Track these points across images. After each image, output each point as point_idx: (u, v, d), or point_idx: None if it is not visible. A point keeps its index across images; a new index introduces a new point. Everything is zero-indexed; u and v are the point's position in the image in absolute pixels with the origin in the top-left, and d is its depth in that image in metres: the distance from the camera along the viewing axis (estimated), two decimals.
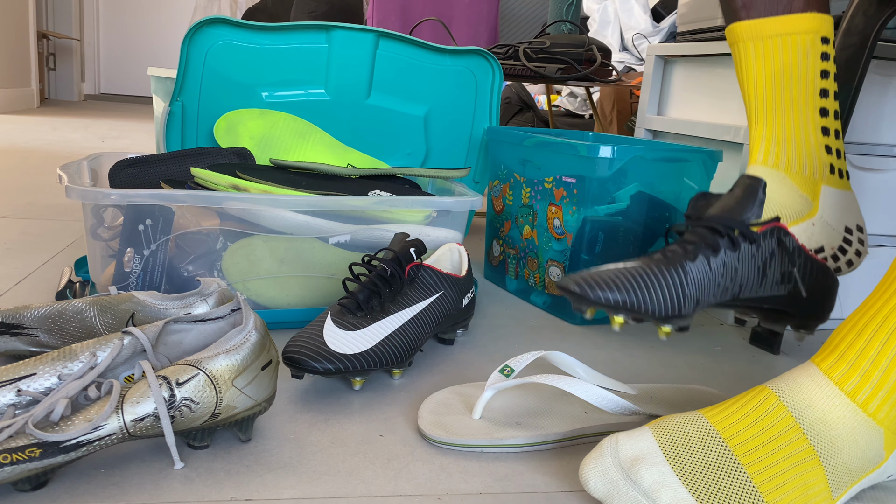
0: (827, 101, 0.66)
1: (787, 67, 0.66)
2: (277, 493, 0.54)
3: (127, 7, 6.01)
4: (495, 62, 1.17)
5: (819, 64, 0.66)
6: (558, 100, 2.90)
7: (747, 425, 0.52)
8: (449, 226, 0.94)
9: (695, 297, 0.64)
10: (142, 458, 0.58)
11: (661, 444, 0.53)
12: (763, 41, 0.66)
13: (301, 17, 2.12)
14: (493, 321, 0.99)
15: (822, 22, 0.65)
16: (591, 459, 0.54)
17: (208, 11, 4.53)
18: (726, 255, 0.65)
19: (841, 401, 0.51)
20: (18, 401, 0.55)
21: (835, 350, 0.53)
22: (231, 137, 1.04)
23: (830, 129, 0.67)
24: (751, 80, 0.67)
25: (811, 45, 0.65)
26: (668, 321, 0.64)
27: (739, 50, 0.68)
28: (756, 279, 0.66)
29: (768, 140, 0.67)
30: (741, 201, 0.66)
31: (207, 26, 1.03)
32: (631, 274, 0.64)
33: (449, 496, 0.56)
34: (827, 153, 0.66)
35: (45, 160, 2.21)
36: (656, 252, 0.67)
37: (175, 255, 0.83)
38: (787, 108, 0.66)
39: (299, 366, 0.68)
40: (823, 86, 0.66)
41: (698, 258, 0.64)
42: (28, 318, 0.70)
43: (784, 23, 0.65)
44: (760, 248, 0.65)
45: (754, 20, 0.66)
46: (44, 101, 5.11)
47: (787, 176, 0.66)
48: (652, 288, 0.63)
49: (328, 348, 0.69)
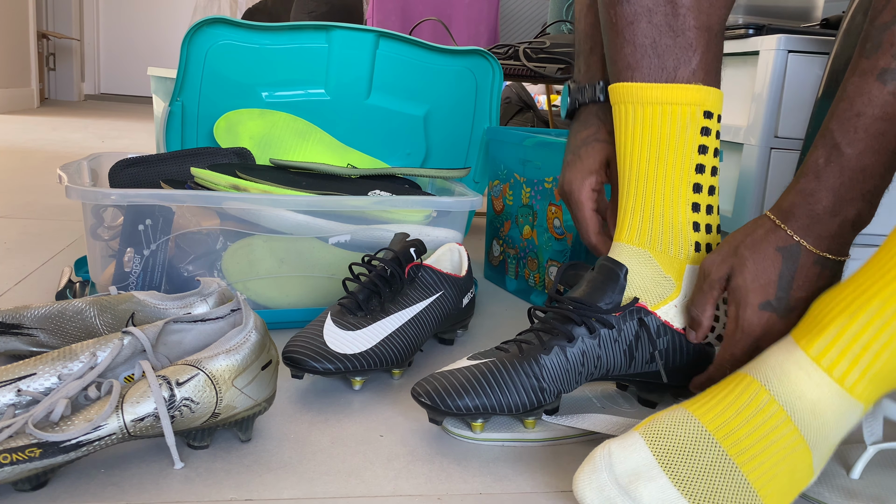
0: (702, 178, 0.64)
1: (664, 138, 0.64)
2: (277, 493, 0.54)
3: (127, 7, 6.01)
4: (495, 62, 1.17)
5: (698, 138, 0.64)
6: (558, 100, 2.90)
7: (740, 423, 0.52)
8: (449, 226, 0.94)
9: (554, 389, 0.62)
10: (142, 458, 0.58)
11: (655, 453, 0.52)
12: (644, 106, 0.64)
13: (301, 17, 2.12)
14: (493, 321, 0.99)
15: (707, 95, 0.63)
16: (585, 474, 0.53)
17: (208, 11, 4.54)
18: (584, 344, 0.63)
19: (830, 388, 0.51)
20: (18, 401, 0.55)
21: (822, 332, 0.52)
22: (231, 137, 1.04)
23: (702, 205, 0.65)
24: (628, 145, 0.66)
25: (692, 117, 0.63)
26: (530, 415, 0.63)
27: (619, 111, 0.66)
28: (624, 362, 0.65)
29: (635, 214, 0.66)
30: (601, 286, 0.64)
31: (207, 26, 1.03)
32: (483, 374, 0.61)
33: (449, 496, 0.56)
34: (694, 231, 0.65)
35: (45, 160, 2.21)
36: (512, 343, 0.65)
37: (175, 255, 0.83)
38: (660, 181, 0.64)
39: (299, 366, 0.68)
40: (700, 161, 0.64)
41: (553, 350, 0.62)
42: (28, 318, 0.70)
43: (667, 91, 0.63)
44: (622, 331, 0.64)
45: (638, 84, 0.64)
46: (44, 101, 5.11)
47: (651, 256, 0.65)
48: (507, 387, 0.61)
49: (328, 348, 0.69)
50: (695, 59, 0.63)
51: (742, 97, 1.04)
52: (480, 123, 1.21)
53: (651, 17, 0.63)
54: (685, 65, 0.63)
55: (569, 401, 0.71)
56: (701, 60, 0.63)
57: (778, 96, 0.97)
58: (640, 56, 0.64)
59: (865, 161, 0.56)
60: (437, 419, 0.62)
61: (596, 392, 0.74)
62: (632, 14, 0.64)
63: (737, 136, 1.03)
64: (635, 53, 0.64)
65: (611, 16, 0.65)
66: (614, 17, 0.65)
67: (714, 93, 0.64)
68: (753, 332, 0.61)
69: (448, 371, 0.63)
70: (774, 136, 0.98)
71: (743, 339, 0.62)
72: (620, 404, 0.71)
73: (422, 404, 0.61)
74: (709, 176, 0.65)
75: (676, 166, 0.64)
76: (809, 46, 0.95)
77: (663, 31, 0.63)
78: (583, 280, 0.66)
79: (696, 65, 0.63)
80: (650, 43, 0.63)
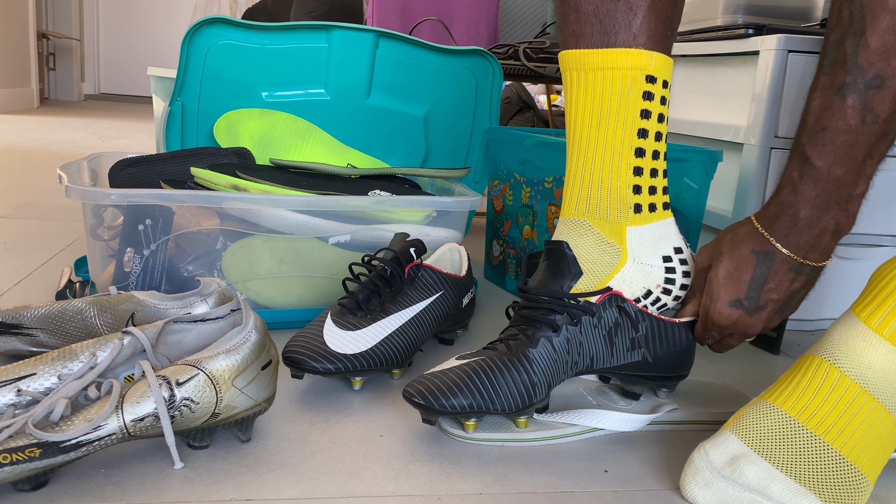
0: (645, 142, 0.64)
1: (605, 103, 0.64)
2: (277, 493, 0.54)
3: (127, 7, 6.01)
4: (495, 62, 1.17)
5: (640, 103, 0.63)
6: (558, 100, 2.90)
7: (819, 403, 0.56)
8: (449, 226, 0.94)
9: (545, 382, 0.63)
10: (142, 458, 0.58)
11: (748, 443, 0.56)
12: (586, 73, 0.64)
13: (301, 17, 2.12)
14: (493, 321, 0.99)
15: (648, 59, 0.63)
16: (689, 478, 0.57)
17: (208, 11, 4.53)
18: (568, 332, 0.64)
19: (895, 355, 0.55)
20: (18, 401, 0.55)
21: (882, 305, 0.56)
22: (231, 137, 1.04)
23: (645, 168, 0.65)
24: (572, 113, 0.66)
25: (633, 81, 0.63)
26: (522, 413, 0.63)
27: (566, 79, 0.66)
28: (605, 349, 0.65)
29: (576, 184, 0.66)
30: (557, 269, 0.65)
31: (207, 26, 1.03)
32: (474, 372, 0.62)
33: (449, 496, 0.56)
34: (635, 193, 0.65)
35: (45, 160, 2.21)
36: (498, 342, 0.65)
37: (175, 255, 0.83)
38: (600, 147, 0.64)
39: (299, 366, 0.68)
40: (643, 125, 0.64)
41: (540, 342, 0.63)
42: (28, 318, 0.70)
43: (607, 56, 0.63)
44: (602, 318, 0.65)
45: (581, 50, 0.64)
46: (44, 101, 5.11)
47: (591, 224, 0.65)
48: (498, 384, 0.61)
49: (328, 348, 0.69)
50: (636, 23, 0.62)
51: (742, 97, 1.04)
52: (480, 123, 1.21)
53: None
54: (625, 29, 0.62)
55: (562, 398, 0.71)
56: (642, 24, 0.62)
57: (778, 96, 0.97)
58: (584, 23, 0.64)
59: (836, 172, 0.59)
60: (430, 419, 0.62)
61: (590, 388, 0.74)
62: None
63: (737, 136, 1.03)
64: (579, 21, 0.64)
65: None
66: None
67: (658, 57, 0.63)
68: (721, 323, 0.66)
69: (439, 371, 0.63)
70: (774, 136, 0.98)
71: (712, 327, 0.67)
72: (615, 400, 0.71)
73: (414, 404, 0.61)
74: (652, 141, 0.65)
75: (617, 131, 0.64)
76: (809, 46, 0.95)
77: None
78: (538, 269, 0.67)
79: (637, 29, 0.62)
80: (592, 10, 0.63)
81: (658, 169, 0.66)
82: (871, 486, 0.54)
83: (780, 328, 0.94)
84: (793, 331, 1.03)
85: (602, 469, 0.62)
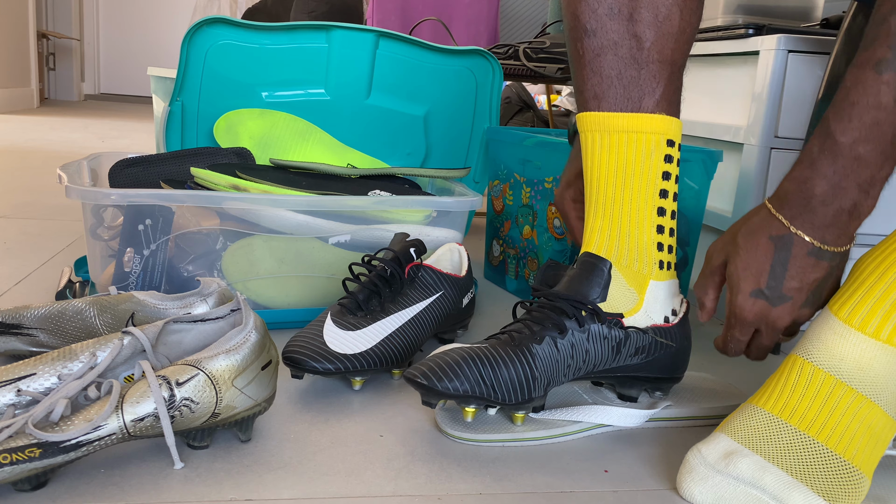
0: (665, 202, 0.67)
1: (629, 164, 0.66)
2: (277, 493, 0.54)
3: (127, 7, 6.01)
4: (495, 62, 1.17)
5: (661, 165, 0.66)
6: (558, 100, 2.90)
7: (797, 400, 0.57)
8: (449, 226, 0.94)
9: (545, 379, 0.63)
10: (142, 458, 0.58)
11: (738, 440, 0.57)
12: (610, 134, 0.67)
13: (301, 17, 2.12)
14: (493, 321, 0.99)
15: (669, 124, 0.66)
16: (685, 474, 0.57)
17: (208, 11, 4.53)
18: (574, 337, 0.64)
19: (866, 343, 0.55)
20: (18, 401, 0.55)
21: (851, 296, 0.57)
22: (231, 137, 1.04)
23: (666, 227, 0.68)
24: (594, 171, 0.68)
25: (656, 145, 0.66)
26: (519, 408, 0.63)
27: (586, 139, 0.68)
28: (610, 357, 0.66)
29: (603, 232, 0.68)
30: (587, 280, 0.66)
31: (207, 26, 1.03)
32: (479, 358, 0.62)
33: (449, 496, 0.56)
34: (658, 250, 0.68)
35: (45, 160, 2.21)
36: (504, 333, 0.66)
37: (175, 255, 0.83)
38: (626, 204, 0.67)
39: (299, 366, 0.68)
40: (664, 186, 0.67)
41: (545, 340, 0.63)
42: (28, 318, 0.70)
43: (632, 120, 0.66)
44: (612, 330, 0.66)
45: (605, 113, 0.67)
46: (44, 101, 5.11)
47: (616, 269, 0.67)
48: (500, 374, 0.61)
49: (328, 348, 0.69)
50: (658, 91, 0.66)
51: (742, 97, 1.04)
52: (480, 123, 1.21)
53: (617, 50, 0.65)
54: (650, 95, 0.66)
55: (559, 397, 0.71)
56: (664, 92, 0.66)
57: (778, 96, 0.97)
58: (607, 87, 0.66)
59: (859, 150, 0.57)
60: (430, 401, 0.62)
61: (585, 387, 0.74)
62: (598, 47, 0.66)
63: (737, 136, 1.03)
64: (601, 84, 0.66)
65: (578, 48, 0.67)
66: (581, 50, 0.67)
67: (675, 122, 0.67)
68: (746, 317, 0.64)
69: (441, 351, 0.63)
70: (774, 136, 0.98)
71: (737, 323, 0.65)
72: (611, 399, 0.71)
73: (415, 384, 0.61)
74: (671, 201, 0.68)
75: (642, 191, 0.66)
76: (809, 46, 0.95)
77: (628, 63, 0.65)
78: (565, 276, 0.67)
79: (660, 96, 0.66)
80: (616, 74, 0.66)
81: (674, 229, 0.69)
82: (865, 478, 0.54)
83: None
84: None
85: (602, 469, 0.62)
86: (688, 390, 0.76)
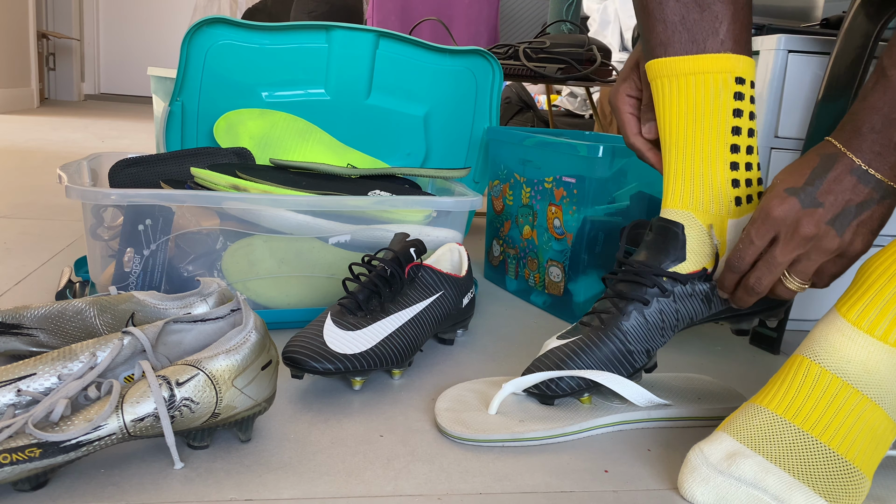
0: (739, 139, 0.69)
1: (699, 104, 0.68)
2: (277, 493, 0.54)
3: (127, 7, 6.01)
4: (495, 62, 1.17)
5: (731, 103, 0.68)
6: (558, 100, 2.90)
7: (802, 400, 0.57)
8: (449, 226, 0.94)
9: (642, 349, 0.68)
10: (142, 458, 0.58)
11: (741, 441, 0.57)
12: (678, 78, 0.69)
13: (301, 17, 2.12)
14: (493, 321, 0.99)
15: (736, 62, 0.68)
16: (687, 474, 0.58)
17: (208, 11, 4.53)
18: (660, 303, 0.68)
19: (874, 346, 0.56)
20: (18, 401, 0.55)
21: (860, 299, 0.57)
22: (231, 137, 1.04)
23: (741, 163, 0.69)
24: (666, 116, 0.70)
25: (724, 83, 0.68)
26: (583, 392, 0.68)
27: (657, 86, 0.71)
28: (703, 309, 0.69)
29: (678, 179, 0.70)
30: (662, 246, 0.69)
31: (207, 26, 1.03)
32: (574, 352, 0.68)
33: (449, 496, 0.56)
34: (734, 187, 0.69)
35: (45, 160, 2.21)
36: (592, 315, 0.70)
37: (175, 255, 0.83)
38: (698, 144, 0.69)
39: (299, 366, 0.68)
40: (736, 123, 0.68)
41: (632, 315, 0.68)
42: (28, 318, 0.70)
43: (698, 62, 0.68)
44: (696, 286, 0.68)
45: (671, 58, 0.69)
46: (44, 101, 5.11)
47: (695, 216, 0.69)
48: (598, 359, 0.67)
49: (328, 348, 0.69)
50: (722, 30, 0.67)
51: None
52: (480, 123, 1.21)
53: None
54: (713, 36, 0.67)
55: (558, 401, 0.71)
56: (728, 30, 0.67)
57: (778, 96, 0.97)
58: (672, 32, 0.68)
59: None
60: (548, 403, 0.69)
61: None
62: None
63: None
64: (666, 30, 0.68)
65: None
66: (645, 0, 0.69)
67: (744, 60, 0.68)
68: (771, 211, 0.62)
69: (542, 355, 0.69)
70: (774, 136, 0.98)
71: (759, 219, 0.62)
72: (609, 400, 0.71)
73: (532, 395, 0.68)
74: (745, 137, 0.69)
75: (714, 130, 0.68)
76: (809, 46, 0.95)
77: (691, 7, 0.67)
78: (643, 243, 0.70)
79: (724, 35, 0.67)
80: (679, 19, 0.68)
81: (752, 163, 0.70)
82: (866, 479, 0.55)
83: (780, 328, 0.94)
84: (793, 331, 1.03)
85: (602, 469, 0.62)
86: (688, 391, 0.76)
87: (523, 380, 0.67)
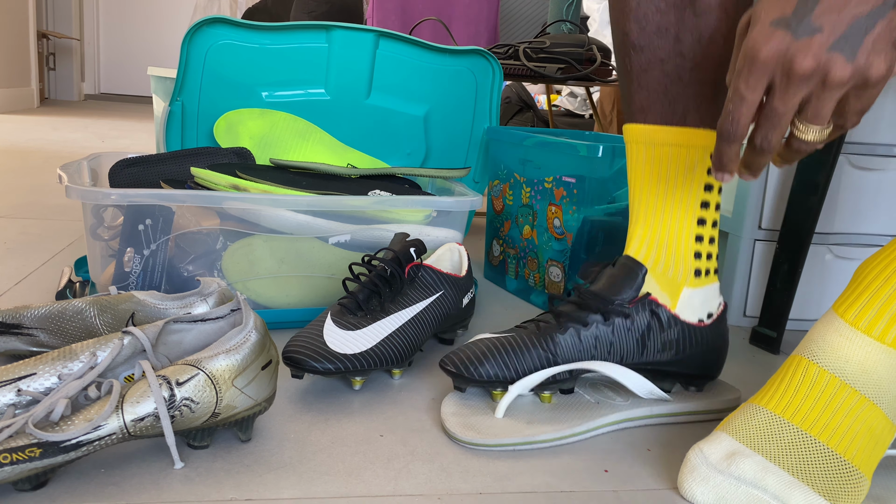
0: (706, 212, 0.69)
1: (671, 177, 0.68)
2: (277, 493, 0.54)
3: (127, 7, 6.01)
4: (495, 62, 1.17)
5: (704, 178, 0.69)
6: (558, 100, 2.90)
7: (801, 400, 0.57)
8: (449, 226, 0.94)
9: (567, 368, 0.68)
10: (142, 458, 0.58)
11: (741, 440, 0.57)
12: (654, 147, 0.69)
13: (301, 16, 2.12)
14: (493, 321, 0.99)
15: (713, 138, 0.67)
16: (687, 474, 0.58)
17: (208, 11, 4.53)
18: (598, 329, 0.68)
19: (872, 346, 0.56)
20: (18, 401, 0.55)
21: (858, 299, 0.57)
22: (231, 137, 1.04)
23: (705, 236, 0.70)
24: (637, 180, 0.71)
25: (699, 160, 0.68)
26: (544, 389, 0.68)
27: (632, 150, 0.71)
28: (636, 350, 0.69)
29: (642, 240, 0.71)
30: (621, 281, 0.69)
31: (207, 26, 1.03)
32: (503, 346, 0.68)
33: (449, 496, 0.56)
34: (696, 259, 0.70)
35: (45, 160, 2.21)
36: (530, 322, 0.70)
37: (175, 255, 0.83)
38: (667, 215, 0.69)
39: (299, 366, 0.68)
40: (705, 198, 0.69)
41: (568, 331, 0.68)
42: (28, 318, 0.70)
43: (676, 134, 0.68)
44: (635, 321, 0.68)
45: (649, 126, 0.68)
46: (44, 100, 5.11)
47: (651, 275, 0.70)
48: (523, 360, 0.67)
49: (328, 348, 0.69)
50: (703, 107, 0.67)
51: None
52: (480, 123, 1.21)
53: (664, 66, 0.67)
54: (694, 111, 0.67)
55: (560, 397, 0.71)
56: (709, 108, 0.67)
57: None
58: (653, 101, 0.68)
59: None
60: (462, 386, 0.68)
61: (585, 387, 0.74)
62: (646, 62, 0.67)
63: None
64: (648, 98, 0.68)
65: (626, 63, 0.69)
66: (629, 65, 0.69)
67: None
68: (759, 54, 0.49)
69: (471, 342, 0.69)
70: None
71: (747, 66, 0.50)
72: (611, 398, 0.71)
73: (447, 372, 0.67)
74: (713, 211, 0.70)
75: (682, 203, 0.69)
76: None
77: (674, 80, 0.67)
78: (603, 274, 0.71)
79: (705, 112, 0.67)
80: (662, 89, 0.67)
81: (714, 237, 0.70)
82: (865, 478, 0.55)
83: (780, 328, 0.94)
84: (793, 331, 1.03)
85: (602, 469, 0.62)
86: None
87: (528, 380, 0.66)
